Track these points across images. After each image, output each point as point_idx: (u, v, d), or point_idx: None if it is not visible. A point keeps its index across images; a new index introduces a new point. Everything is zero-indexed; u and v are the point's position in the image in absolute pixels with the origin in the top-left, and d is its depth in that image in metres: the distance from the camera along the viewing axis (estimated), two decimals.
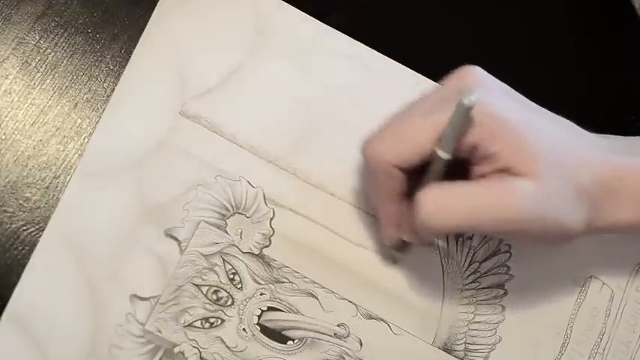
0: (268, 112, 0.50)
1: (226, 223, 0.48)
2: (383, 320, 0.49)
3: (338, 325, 0.48)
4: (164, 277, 0.47)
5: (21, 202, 0.47)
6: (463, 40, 0.52)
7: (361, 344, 0.48)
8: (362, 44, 0.52)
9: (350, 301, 0.48)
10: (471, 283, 0.50)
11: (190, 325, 0.47)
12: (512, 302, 0.50)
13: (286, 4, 0.52)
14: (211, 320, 0.47)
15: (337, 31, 0.52)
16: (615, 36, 0.46)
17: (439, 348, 0.49)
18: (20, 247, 0.46)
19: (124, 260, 0.47)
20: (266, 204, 0.49)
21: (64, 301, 0.46)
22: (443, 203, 0.41)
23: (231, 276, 0.48)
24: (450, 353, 0.49)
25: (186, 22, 0.51)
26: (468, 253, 0.50)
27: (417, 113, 0.43)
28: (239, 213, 0.49)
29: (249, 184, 0.49)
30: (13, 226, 0.47)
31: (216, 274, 0.48)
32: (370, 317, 0.49)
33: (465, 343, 0.49)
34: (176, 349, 0.46)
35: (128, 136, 0.48)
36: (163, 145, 0.49)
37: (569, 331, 0.50)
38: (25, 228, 0.47)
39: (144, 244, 0.47)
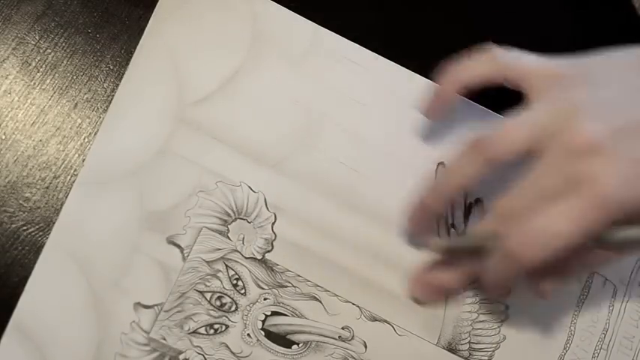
0: (267, 116, 0.50)
1: (228, 229, 0.48)
2: (387, 322, 0.49)
3: (342, 328, 0.48)
4: (167, 284, 0.47)
5: (21, 202, 0.47)
6: (459, 40, 0.52)
7: (366, 346, 0.48)
8: (359, 45, 0.52)
9: (353, 304, 0.48)
10: (473, 282, 0.50)
11: (195, 331, 0.47)
12: (516, 300, 0.50)
13: (283, 7, 0.52)
14: (216, 326, 0.47)
15: (334, 33, 0.52)
16: (615, 36, 0.46)
17: (443, 348, 0.49)
18: (20, 247, 0.46)
19: (127, 269, 0.47)
20: (267, 208, 0.49)
21: (68, 311, 0.46)
22: None
23: (235, 281, 0.48)
24: (454, 353, 0.49)
25: (183, 28, 0.50)
26: None
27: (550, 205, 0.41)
28: (241, 218, 0.48)
29: (250, 188, 0.49)
30: (13, 226, 0.46)
31: (220, 280, 0.47)
32: (374, 319, 0.49)
33: (469, 342, 0.49)
34: (181, 357, 0.46)
35: (128, 144, 0.48)
36: (163, 152, 0.49)
37: (572, 328, 0.50)
38: (25, 228, 0.46)
39: (146, 252, 0.47)
